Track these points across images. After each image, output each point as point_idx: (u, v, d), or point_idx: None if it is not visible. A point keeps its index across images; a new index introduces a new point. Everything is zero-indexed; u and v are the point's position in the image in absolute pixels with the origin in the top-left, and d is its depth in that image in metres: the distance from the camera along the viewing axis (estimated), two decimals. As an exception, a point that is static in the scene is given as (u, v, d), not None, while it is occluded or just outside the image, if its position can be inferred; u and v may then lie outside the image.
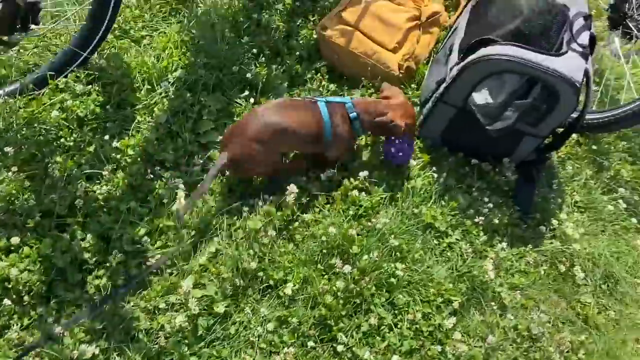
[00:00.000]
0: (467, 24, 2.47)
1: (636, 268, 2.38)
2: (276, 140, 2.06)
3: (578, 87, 2.10)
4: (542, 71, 2.08)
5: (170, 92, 2.39)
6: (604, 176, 2.60)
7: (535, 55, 2.11)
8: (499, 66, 2.14)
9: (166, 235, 2.01)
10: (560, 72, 2.08)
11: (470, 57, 2.20)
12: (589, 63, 2.19)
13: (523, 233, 2.34)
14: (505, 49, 2.13)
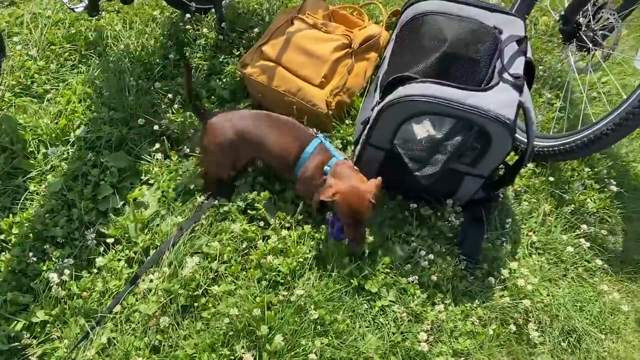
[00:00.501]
0: (392, 55, 2.20)
1: (602, 318, 2.08)
2: (239, 147, 2.06)
3: (510, 124, 1.82)
4: (467, 111, 1.81)
5: (70, 153, 2.17)
6: (564, 211, 2.30)
7: (456, 92, 1.83)
8: (416, 108, 1.87)
9: (51, 326, 1.79)
10: (486, 111, 1.80)
11: (387, 99, 1.94)
12: (525, 94, 1.90)
13: (469, 287, 2.06)
14: (423, 88, 1.85)
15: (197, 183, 2.13)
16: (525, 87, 1.92)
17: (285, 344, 1.77)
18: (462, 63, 1.97)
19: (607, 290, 2.14)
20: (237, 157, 2.11)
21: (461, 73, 1.98)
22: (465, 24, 2.01)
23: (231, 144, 2.03)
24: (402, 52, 2.12)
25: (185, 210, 2.07)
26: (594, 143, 2.12)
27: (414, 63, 2.01)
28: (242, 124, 2.04)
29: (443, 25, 2.03)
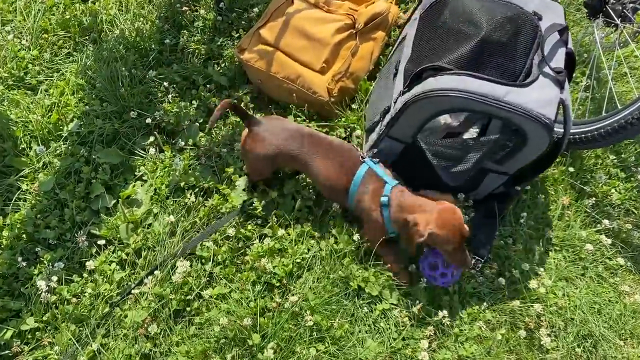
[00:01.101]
0: (416, 38, 1.98)
1: (622, 322, 1.94)
2: (279, 161, 1.95)
3: (550, 125, 1.63)
4: (504, 109, 1.62)
5: (62, 149, 2.11)
6: (585, 204, 2.13)
7: (494, 87, 1.63)
8: (449, 104, 1.67)
9: (42, 332, 1.76)
10: (526, 110, 1.60)
11: (415, 91, 1.73)
12: (566, 91, 1.71)
13: (478, 287, 1.94)
14: (456, 82, 1.65)
15: (188, 180, 2.04)
16: (566, 82, 1.73)
17: (277, 354, 1.70)
18: (498, 53, 1.74)
19: (629, 291, 1.98)
20: (277, 166, 2.00)
21: (497, 64, 1.74)
22: (502, 9, 1.78)
23: (270, 157, 1.91)
24: (429, 36, 1.90)
25: (177, 208, 1.99)
26: (618, 132, 1.93)
27: (444, 50, 1.78)
28: (283, 141, 1.90)
29: (477, 8, 1.80)
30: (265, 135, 1.90)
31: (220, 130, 2.24)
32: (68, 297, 1.80)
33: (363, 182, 1.87)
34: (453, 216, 1.70)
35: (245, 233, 1.97)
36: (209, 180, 2.06)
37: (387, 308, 1.87)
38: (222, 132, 2.23)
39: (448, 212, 1.71)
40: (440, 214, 1.71)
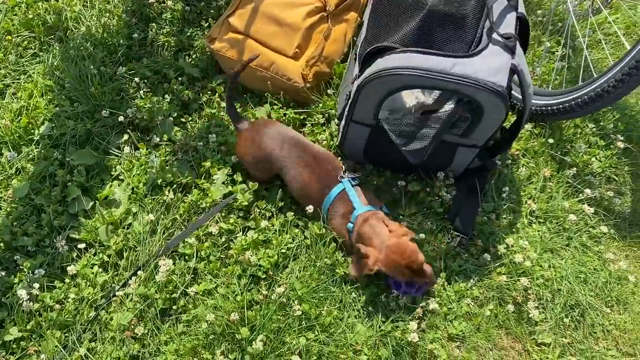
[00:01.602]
0: (370, 18, 1.98)
1: (608, 289, 1.95)
2: (270, 165, 1.94)
3: (502, 93, 1.63)
4: (453, 81, 1.62)
5: (35, 153, 2.06)
6: (566, 175, 2.13)
7: (441, 60, 1.64)
8: (398, 82, 1.68)
9: (27, 341, 1.74)
10: (476, 80, 1.61)
11: (366, 73, 1.75)
12: (518, 56, 1.71)
13: (464, 265, 1.94)
14: (404, 59, 1.66)
15: (166, 177, 2.01)
16: (518, 47, 1.71)
17: (267, 346, 1.69)
18: (446, 25, 1.75)
19: (613, 259, 1.99)
20: (272, 170, 1.96)
21: (447, 37, 1.76)
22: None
23: (261, 160, 1.92)
24: (381, 15, 1.90)
25: (156, 206, 1.96)
26: (595, 101, 1.92)
27: (394, 28, 1.80)
28: (270, 143, 1.89)
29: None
30: (255, 137, 1.90)
31: (195, 123, 2.20)
32: (51, 304, 1.77)
33: (334, 203, 1.86)
34: (401, 256, 1.68)
35: (228, 227, 1.94)
36: (187, 175, 2.03)
37: (376, 292, 1.87)
38: (198, 125, 2.19)
39: (396, 252, 1.69)
40: (387, 252, 1.69)
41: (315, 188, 1.88)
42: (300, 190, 1.91)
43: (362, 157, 2.10)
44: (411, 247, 1.70)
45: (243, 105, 2.26)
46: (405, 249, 1.69)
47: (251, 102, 2.27)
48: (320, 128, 2.19)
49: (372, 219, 1.78)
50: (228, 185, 2.02)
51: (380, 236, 1.73)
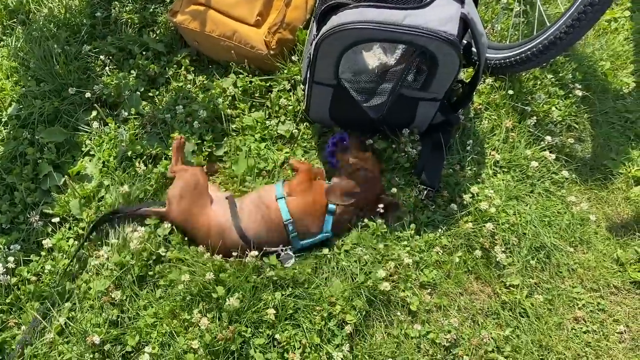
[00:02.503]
0: None
1: (571, 231, 2.02)
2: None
3: (454, 41, 1.69)
4: (406, 33, 1.68)
5: (4, 134, 2.08)
6: (527, 124, 2.19)
7: (393, 13, 1.69)
8: (353, 37, 1.73)
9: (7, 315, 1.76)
10: (427, 30, 1.67)
11: (322, 31, 1.80)
12: (467, 5, 1.76)
13: (432, 216, 2.00)
14: (357, 14, 1.71)
15: (135, 149, 2.03)
16: None
17: (243, 303, 1.73)
18: None
19: (575, 201, 2.06)
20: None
21: None
22: None
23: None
24: None
25: (127, 178, 1.99)
26: (549, 49, 1.98)
27: None
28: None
29: None
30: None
31: (163, 97, 2.23)
32: (28, 277, 1.80)
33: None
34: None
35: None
36: (156, 147, 2.06)
37: (349, 249, 1.92)
38: (165, 99, 2.21)
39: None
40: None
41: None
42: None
43: (328, 120, 2.14)
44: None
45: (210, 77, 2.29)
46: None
47: (217, 74, 2.30)
48: (286, 94, 2.23)
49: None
50: (198, 154, 2.05)
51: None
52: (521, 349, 1.79)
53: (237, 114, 2.19)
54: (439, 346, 1.78)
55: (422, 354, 1.78)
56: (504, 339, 1.81)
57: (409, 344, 1.78)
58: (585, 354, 1.81)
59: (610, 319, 1.89)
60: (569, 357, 1.80)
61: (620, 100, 2.35)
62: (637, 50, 2.51)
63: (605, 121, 2.29)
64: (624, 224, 2.07)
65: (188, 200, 1.85)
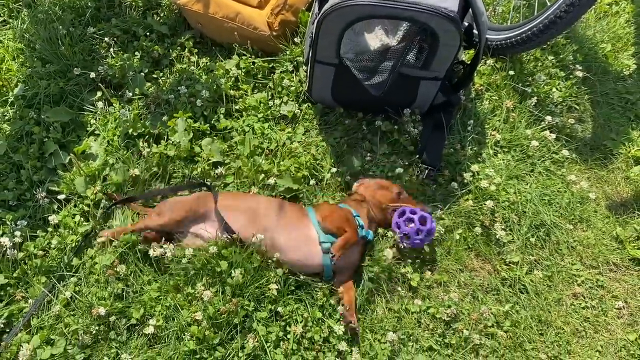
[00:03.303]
0: None
1: (571, 209, 2.04)
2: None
3: (454, 17, 1.71)
4: (407, 9, 1.70)
5: (10, 114, 2.11)
6: (528, 105, 2.20)
7: None
8: (355, 13, 1.75)
9: (14, 288, 1.79)
10: (428, 6, 1.69)
11: (323, 9, 1.82)
12: (467, -18, 1.78)
13: (432, 195, 2.02)
14: None
15: (137, 128, 2.06)
16: None
17: (246, 278, 1.76)
18: None
19: (575, 180, 2.08)
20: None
21: None
22: None
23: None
24: None
25: (131, 157, 2.01)
26: (549, 28, 1.99)
27: None
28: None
29: None
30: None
31: (167, 78, 2.25)
32: (35, 252, 1.83)
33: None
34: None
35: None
36: (159, 126, 2.08)
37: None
38: (169, 80, 2.24)
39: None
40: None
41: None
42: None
43: (331, 100, 2.16)
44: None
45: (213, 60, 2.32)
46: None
47: (220, 55, 2.32)
48: (289, 75, 2.25)
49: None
50: (190, 132, 2.06)
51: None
52: (520, 324, 1.82)
53: (240, 94, 2.22)
54: (439, 321, 1.80)
55: (422, 329, 1.80)
56: (504, 314, 1.83)
57: (410, 318, 1.80)
58: (583, 329, 1.83)
59: (609, 295, 1.91)
60: (568, 332, 1.82)
61: (621, 82, 2.37)
62: (638, 32, 2.53)
63: (605, 102, 2.31)
64: (623, 203, 2.09)
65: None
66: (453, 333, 1.79)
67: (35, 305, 1.74)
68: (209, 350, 1.68)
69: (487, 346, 1.77)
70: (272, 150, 2.09)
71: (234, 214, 1.82)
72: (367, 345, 1.73)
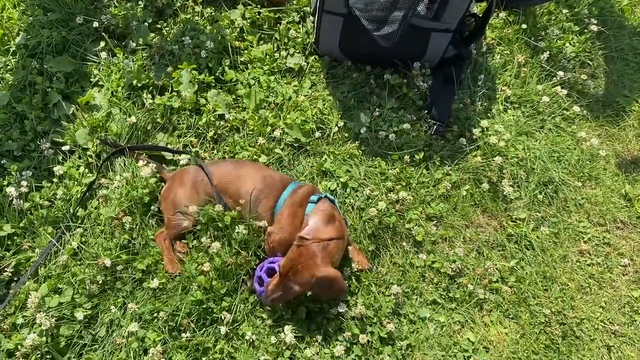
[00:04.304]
0: None
1: (580, 166, 2.01)
2: None
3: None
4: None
5: (12, 63, 2.07)
6: (540, 60, 2.15)
7: None
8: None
9: (21, 238, 1.80)
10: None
11: (331, -46, 1.76)
12: None
13: (440, 151, 2.00)
14: None
15: (141, 79, 2.02)
16: None
17: (250, 235, 1.75)
18: None
19: (585, 137, 2.05)
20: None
21: None
22: None
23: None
24: None
25: (135, 109, 1.99)
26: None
27: None
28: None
29: None
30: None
31: (170, 28, 2.20)
32: (41, 202, 1.83)
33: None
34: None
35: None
36: (163, 77, 2.05)
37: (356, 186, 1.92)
38: (173, 30, 2.19)
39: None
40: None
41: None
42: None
43: (338, 53, 2.12)
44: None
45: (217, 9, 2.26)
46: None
47: (225, 5, 2.26)
48: (295, 26, 2.20)
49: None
50: (194, 84, 2.03)
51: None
52: (525, 280, 1.82)
53: (245, 46, 2.17)
54: (444, 275, 1.81)
55: (426, 283, 1.81)
56: (509, 270, 1.84)
57: (414, 272, 1.81)
58: (588, 285, 1.84)
59: (614, 252, 1.90)
60: (572, 288, 1.83)
61: (637, 37, 2.31)
62: (656, -14, 2.45)
63: (620, 58, 2.25)
64: (633, 161, 2.06)
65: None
66: (457, 287, 1.80)
67: (42, 254, 1.75)
68: (216, 300, 1.70)
69: (491, 301, 1.78)
70: (277, 104, 2.06)
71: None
72: (372, 297, 1.73)
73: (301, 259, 1.56)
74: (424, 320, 1.74)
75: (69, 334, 1.65)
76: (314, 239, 1.59)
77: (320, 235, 1.60)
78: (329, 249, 1.59)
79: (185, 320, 1.67)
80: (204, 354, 1.66)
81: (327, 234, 1.62)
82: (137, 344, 1.65)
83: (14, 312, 1.67)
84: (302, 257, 1.56)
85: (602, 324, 1.77)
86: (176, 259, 1.77)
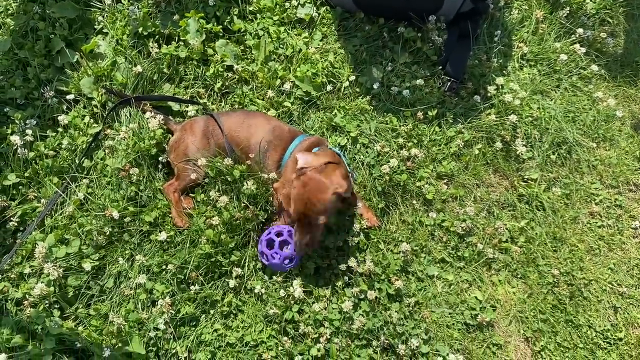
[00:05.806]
0: None
1: (595, 127, 1.98)
2: None
3: None
4: None
5: (14, 7, 2.00)
6: (559, 16, 2.08)
7: None
8: None
9: (26, 187, 1.77)
10: None
11: None
12: None
13: (453, 108, 1.95)
14: None
15: (147, 26, 1.95)
16: None
17: (259, 190, 1.73)
18: None
19: (602, 97, 2.00)
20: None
21: None
22: None
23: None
24: None
25: (140, 58, 1.93)
26: None
27: None
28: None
29: None
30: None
31: (178, -25, 2.12)
32: (46, 152, 1.80)
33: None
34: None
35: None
36: (170, 26, 1.98)
37: (366, 142, 1.88)
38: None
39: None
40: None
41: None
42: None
43: (351, 4, 2.04)
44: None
45: None
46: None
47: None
48: (307, -24, 2.12)
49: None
50: (202, 33, 1.96)
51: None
52: (535, 240, 1.81)
53: (255, -6, 2.10)
54: (453, 234, 1.80)
55: (435, 241, 1.80)
56: (519, 230, 1.82)
57: (423, 231, 1.79)
58: (598, 247, 1.83)
59: (626, 215, 1.89)
60: (582, 249, 1.82)
61: (660, -5, 2.23)
62: (683, -60, 2.34)
63: (641, 16, 2.18)
64: (650, 122, 2.02)
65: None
66: (466, 246, 1.79)
67: (49, 205, 1.73)
68: (225, 254, 1.69)
69: (500, 260, 1.78)
70: (287, 56, 2.00)
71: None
72: (380, 255, 1.72)
73: (307, 188, 1.52)
74: (432, 278, 1.74)
75: (77, 284, 1.65)
76: (311, 167, 1.56)
77: (314, 163, 1.57)
78: (328, 170, 1.56)
79: (193, 273, 1.66)
80: (212, 307, 1.66)
81: (320, 161, 1.58)
82: (145, 296, 1.65)
83: (21, 262, 1.67)
84: (307, 186, 1.52)
85: (609, 285, 1.77)
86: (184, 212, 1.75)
